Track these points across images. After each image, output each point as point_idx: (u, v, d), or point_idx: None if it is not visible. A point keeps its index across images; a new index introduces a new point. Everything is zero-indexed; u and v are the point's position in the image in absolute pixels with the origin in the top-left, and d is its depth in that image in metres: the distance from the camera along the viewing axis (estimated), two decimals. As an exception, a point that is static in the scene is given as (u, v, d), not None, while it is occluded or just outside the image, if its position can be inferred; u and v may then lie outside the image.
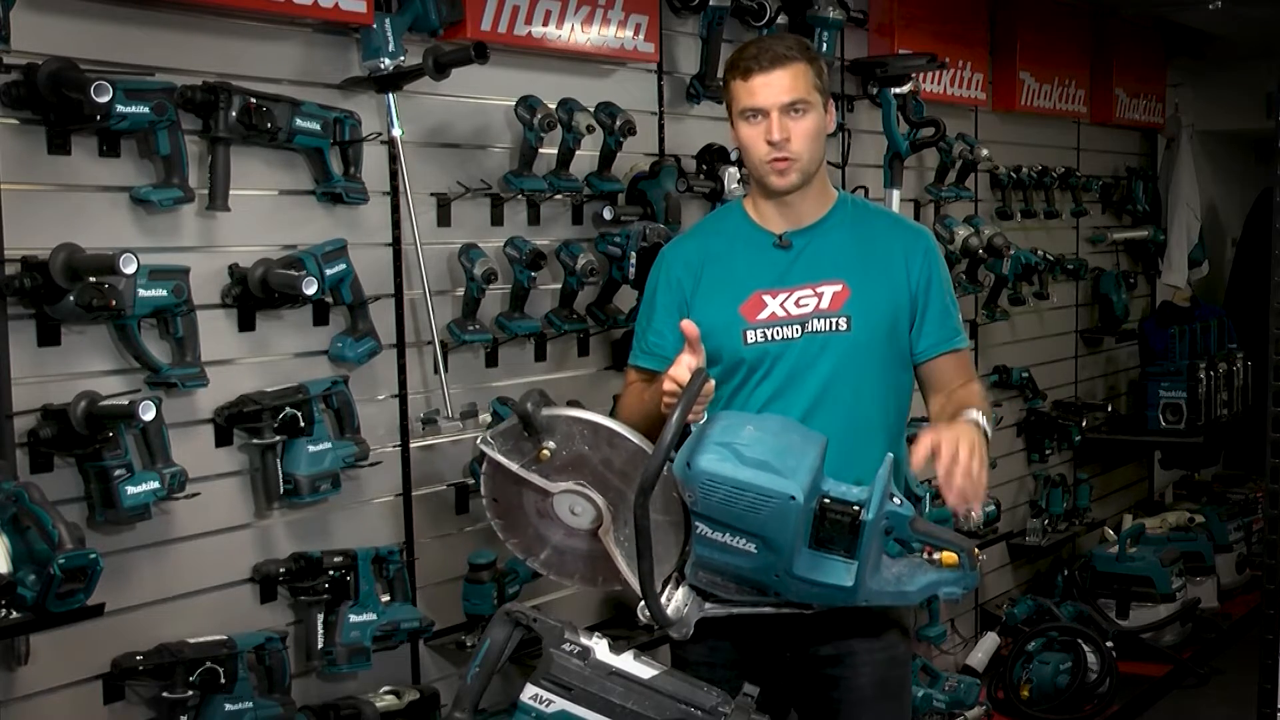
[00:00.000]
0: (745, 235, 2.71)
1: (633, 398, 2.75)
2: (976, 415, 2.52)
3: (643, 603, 2.31)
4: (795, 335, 2.62)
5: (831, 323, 2.61)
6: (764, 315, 2.63)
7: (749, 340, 2.63)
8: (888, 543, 2.33)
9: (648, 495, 2.18)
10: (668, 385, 2.41)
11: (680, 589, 2.36)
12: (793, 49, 2.60)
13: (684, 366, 2.40)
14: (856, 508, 2.27)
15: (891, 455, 2.31)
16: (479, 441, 2.40)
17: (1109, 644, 5.26)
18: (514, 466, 2.35)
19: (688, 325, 2.44)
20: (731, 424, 2.33)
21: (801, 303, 2.63)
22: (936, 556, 2.37)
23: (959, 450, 2.34)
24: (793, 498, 2.22)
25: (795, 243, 2.67)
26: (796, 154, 2.59)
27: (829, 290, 2.62)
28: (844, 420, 2.59)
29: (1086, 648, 5.20)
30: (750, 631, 2.59)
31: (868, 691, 2.63)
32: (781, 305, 2.63)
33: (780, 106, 2.57)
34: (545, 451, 2.34)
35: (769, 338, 2.63)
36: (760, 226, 2.71)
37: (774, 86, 2.57)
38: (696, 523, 2.28)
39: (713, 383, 2.39)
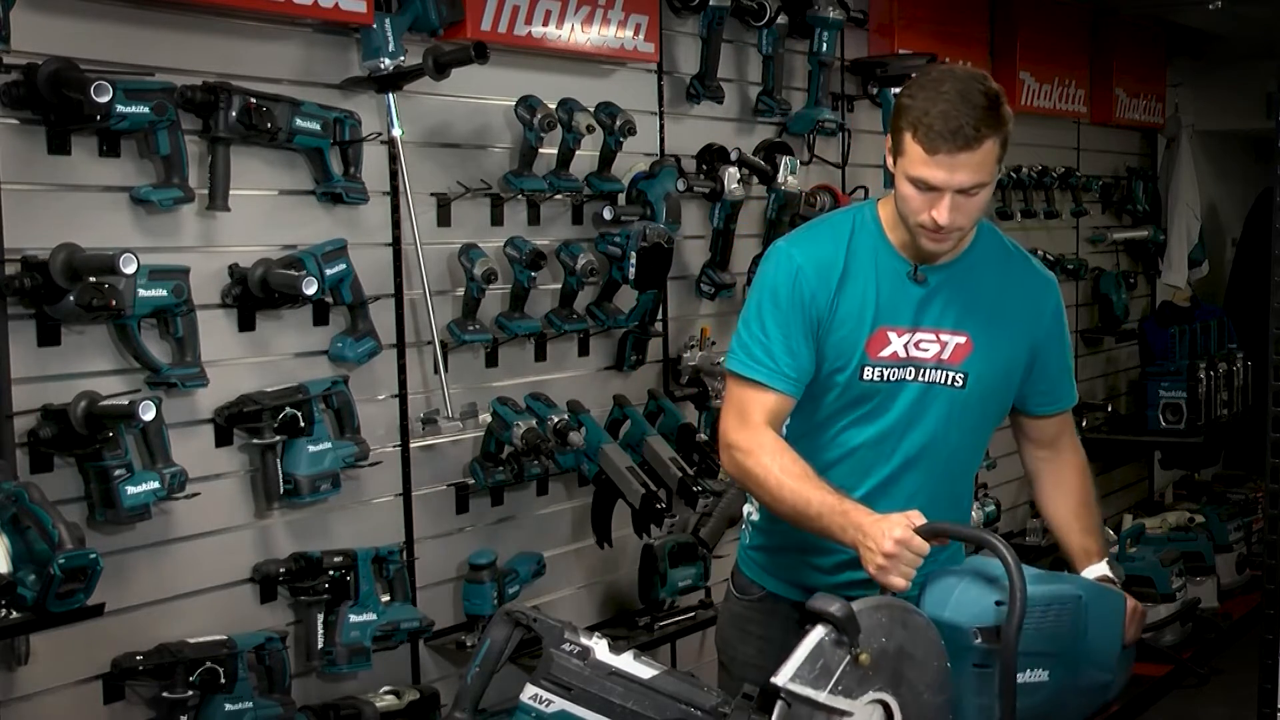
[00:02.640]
0: (881, 258, 2.46)
1: (800, 480, 2.33)
2: (1107, 570, 2.53)
3: None
4: (910, 378, 2.45)
5: (949, 376, 2.45)
6: (886, 353, 2.44)
7: (865, 376, 2.44)
8: None
9: (1018, 635, 2.09)
10: (891, 548, 2.14)
11: None
12: (985, 124, 2.26)
13: (911, 531, 2.17)
14: None
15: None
16: (782, 682, 2.00)
17: (1109, 644, 5.24)
18: (821, 697, 2.00)
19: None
20: (960, 570, 2.28)
21: (922, 346, 2.45)
22: None
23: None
24: (1080, 596, 2.27)
25: (930, 279, 2.45)
26: (959, 228, 2.35)
27: (953, 341, 2.45)
28: (940, 470, 2.51)
29: (1086, 648, 5.19)
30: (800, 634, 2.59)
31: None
32: (904, 346, 2.45)
33: (956, 189, 2.30)
34: (865, 656, 2.03)
35: (884, 377, 2.44)
36: (897, 252, 2.46)
37: (955, 172, 2.27)
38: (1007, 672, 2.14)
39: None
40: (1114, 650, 2.33)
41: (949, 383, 2.46)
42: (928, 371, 2.45)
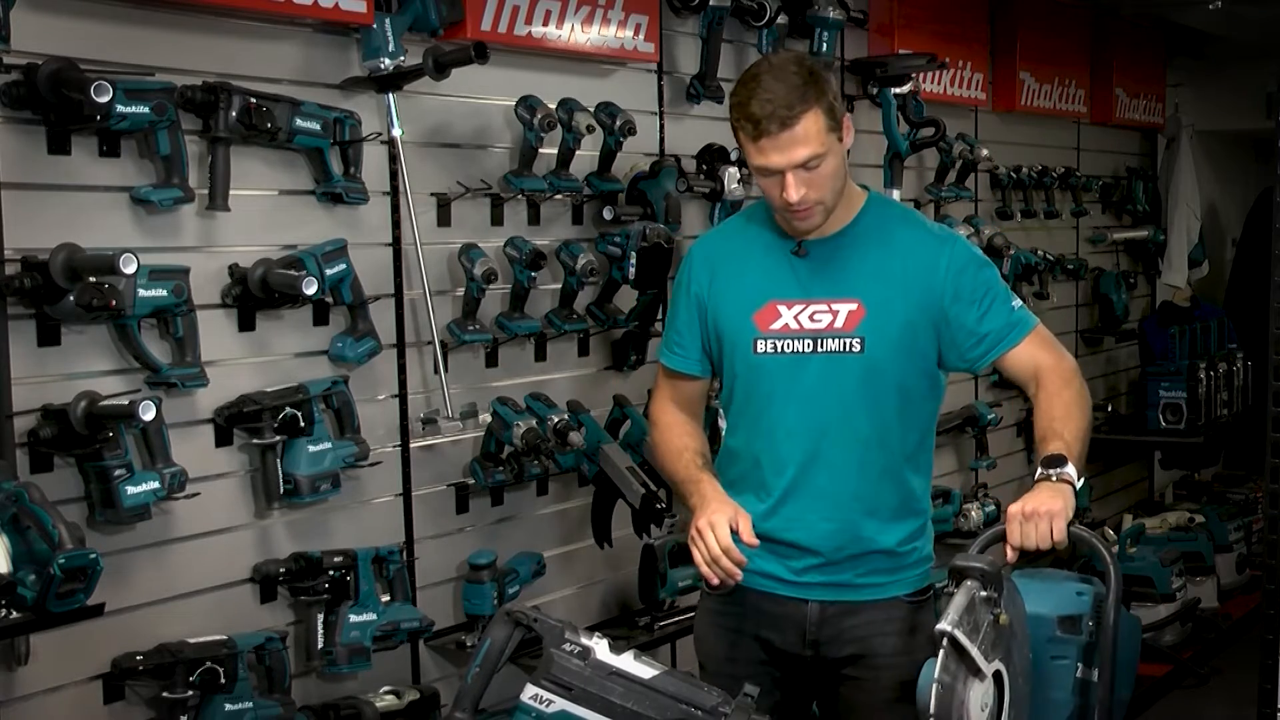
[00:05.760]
0: (765, 239, 2.61)
1: (672, 441, 2.66)
2: (1071, 472, 2.38)
3: None
4: (807, 350, 2.54)
5: (846, 343, 2.52)
6: (777, 325, 2.55)
7: (759, 350, 2.56)
8: None
9: (1119, 608, 2.14)
10: (701, 526, 2.42)
11: None
12: (799, 100, 2.38)
13: (723, 522, 2.41)
14: None
15: None
16: (945, 626, 1.98)
17: (1109, 644, 5.24)
18: (974, 651, 1.98)
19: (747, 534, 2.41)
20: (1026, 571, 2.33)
21: (816, 318, 2.54)
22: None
23: (1038, 532, 2.32)
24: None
25: (813, 252, 2.57)
26: (817, 201, 2.47)
27: (844, 309, 2.53)
28: (859, 444, 2.55)
29: (1086, 648, 5.19)
30: (772, 630, 2.60)
31: (888, 694, 2.57)
32: (795, 318, 2.54)
33: (794, 166, 2.42)
34: (1004, 618, 2.04)
35: (779, 349, 2.55)
36: (784, 232, 2.59)
37: (785, 151, 2.40)
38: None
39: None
40: (1134, 665, 2.36)
41: (847, 349, 2.53)
42: (824, 342, 2.54)
